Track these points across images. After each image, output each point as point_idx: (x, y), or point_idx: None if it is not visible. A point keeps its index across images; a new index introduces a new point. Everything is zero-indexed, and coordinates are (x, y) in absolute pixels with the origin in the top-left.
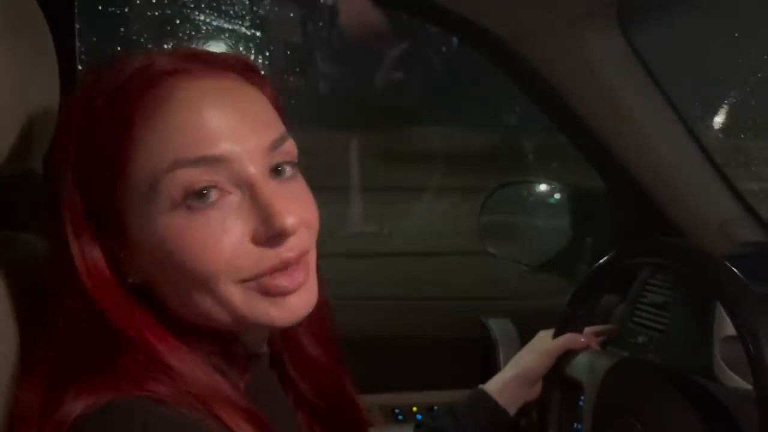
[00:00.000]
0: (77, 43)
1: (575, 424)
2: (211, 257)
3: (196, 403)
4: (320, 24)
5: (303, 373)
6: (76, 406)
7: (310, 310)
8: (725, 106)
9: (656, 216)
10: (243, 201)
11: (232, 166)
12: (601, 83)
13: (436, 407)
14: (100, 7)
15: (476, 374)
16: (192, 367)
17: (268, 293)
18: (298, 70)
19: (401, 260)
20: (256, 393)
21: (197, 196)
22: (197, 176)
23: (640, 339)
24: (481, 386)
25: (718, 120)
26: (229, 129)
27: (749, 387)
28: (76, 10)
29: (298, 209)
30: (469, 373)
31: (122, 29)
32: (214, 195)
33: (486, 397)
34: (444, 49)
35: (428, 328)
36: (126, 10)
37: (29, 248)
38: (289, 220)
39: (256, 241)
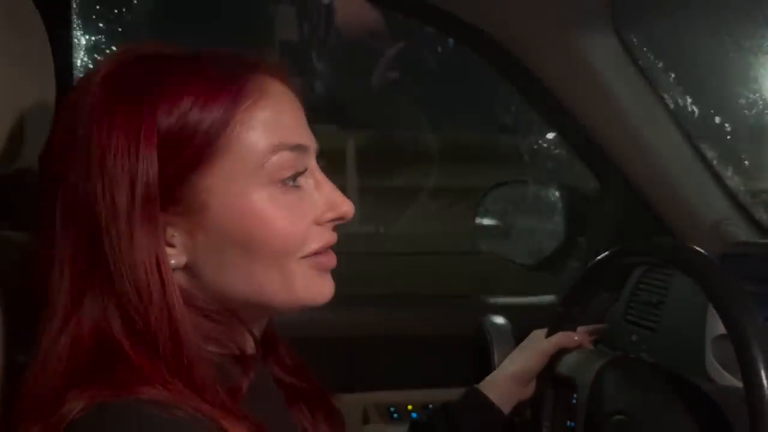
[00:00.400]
0: (75, 43)
1: (568, 422)
2: (292, 232)
3: (195, 411)
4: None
5: (286, 369)
6: (75, 406)
7: None
8: (720, 106)
9: (650, 216)
10: (311, 187)
11: (308, 157)
12: (595, 84)
13: (431, 405)
14: (98, 7)
15: (471, 372)
16: (199, 371)
17: (320, 268)
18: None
19: (396, 259)
20: (257, 392)
21: (292, 177)
22: (293, 160)
23: (634, 337)
24: (475, 385)
25: (712, 120)
26: (305, 125)
27: (741, 385)
28: (74, 7)
29: None
30: (464, 371)
31: (120, 29)
32: (299, 178)
33: (480, 396)
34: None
35: (423, 327)
36: (124, 10)
37: (26, 248)
38: (351, 208)
39: (318, 222)
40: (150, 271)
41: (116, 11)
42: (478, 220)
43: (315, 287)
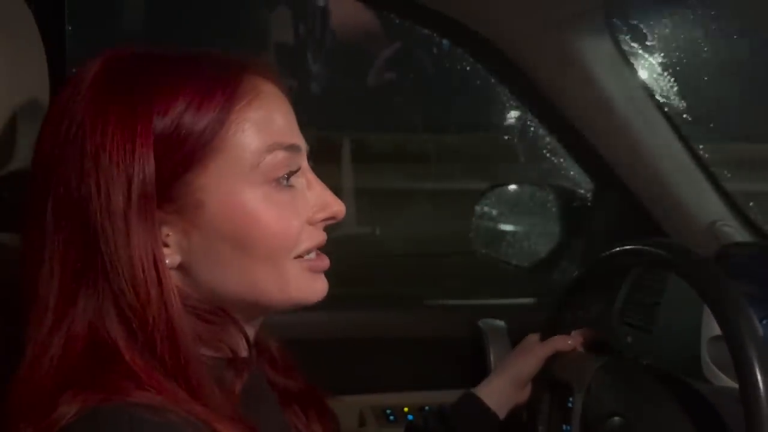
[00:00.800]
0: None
1: (564, 426)
2: (286, 230)
3: (188, 414)
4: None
5: (279, 370)
6: (68, 411)
7: None
8: (714, 107)
9: (645, 217)
10: (303, 187)
11: (301, 157)
12: (589, 85)
13: (427, 407)
14: (91, 6)
15: (467, 374)
16: (194, 371)
17: (313, 270)
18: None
19: (391, 260)
20: (250, 394)
21: (286, 176)
22: (287, 159)
23: (630, 339)
24: (471, 389)
25: (706, 121)
26: (296, 126)
27: (737, 386)
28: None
29: None
30: (460, 373)
31: (113, 28)
32: (292, 177)
33: (476, 401)
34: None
35: (419, 329)
36: (118, 9)
37: (18, 250)
38: (342, 208)
39: (311, 222)
40: (147, 268)
41: (110, 11)
42: (474, 223)
43: (308, 287)
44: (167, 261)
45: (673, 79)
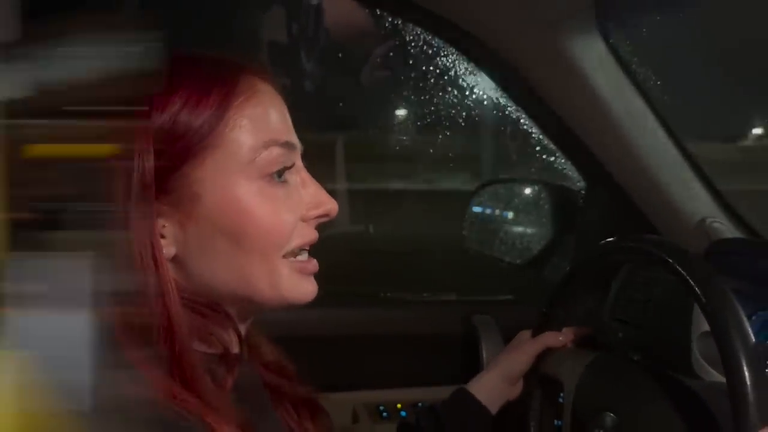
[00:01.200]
0: None
1: (555, 421)
2: (279, 224)
3: (181, 408)
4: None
5: (271, 368)
6: None
7: None
8: (706, 107)
9: (637, 214)
10: (297, 184)
11: (295, 155)
12: (580, 84)
13: (420, 404)
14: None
15: (460, 370)
16: (188, 362)
17: (303, 272)
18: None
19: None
20: (242, 391)
21: (280, 171)
22: (282, 156)
23: (621, 335)
24: (463, 385)
25: (697, 120)
26: (291, 125)
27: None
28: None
29: None
30: (453, 370)
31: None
32: (286, 173)
33: (468, 397)
34: None
35: (412, 326)
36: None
37: None
38: (335, 206)
39: (304, 219)
40: (145, 256)
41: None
42: (466, 220)
43: (299, 288)
44: (164, 253)
45: (664, 78)
